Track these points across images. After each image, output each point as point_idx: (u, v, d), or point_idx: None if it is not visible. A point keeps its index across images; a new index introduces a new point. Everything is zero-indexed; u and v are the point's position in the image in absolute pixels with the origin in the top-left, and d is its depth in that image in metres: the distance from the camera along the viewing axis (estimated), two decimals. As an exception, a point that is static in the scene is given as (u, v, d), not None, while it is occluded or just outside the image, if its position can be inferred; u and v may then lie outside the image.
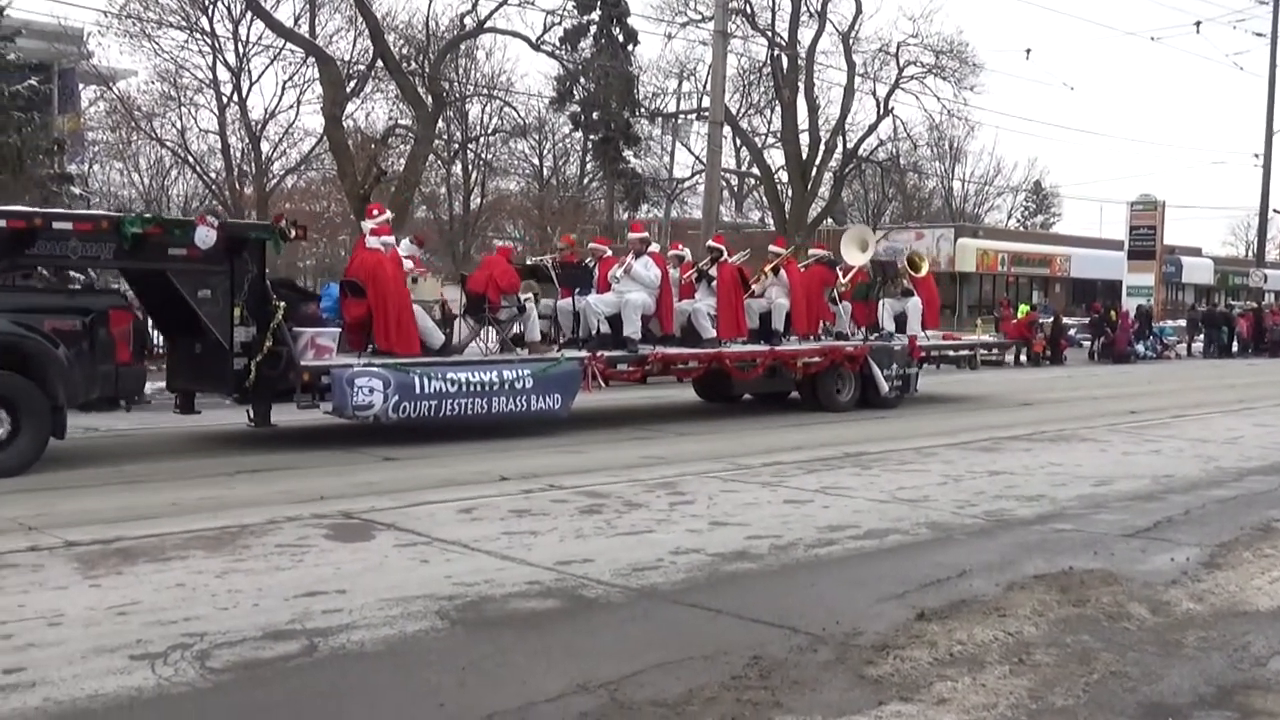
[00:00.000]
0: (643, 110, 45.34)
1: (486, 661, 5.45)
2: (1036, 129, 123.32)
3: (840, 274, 18.85)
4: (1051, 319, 34.64)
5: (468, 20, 32.28)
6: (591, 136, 46.03)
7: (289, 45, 33.01)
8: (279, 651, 5.51)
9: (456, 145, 41.68)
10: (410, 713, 4.84)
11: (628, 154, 46.59)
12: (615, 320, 15.33)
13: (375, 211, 14.78)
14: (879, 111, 39.95)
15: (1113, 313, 36.02)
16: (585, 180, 49.07)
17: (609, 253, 16.68)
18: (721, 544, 7.97)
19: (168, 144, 38.00)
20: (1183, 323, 42.86)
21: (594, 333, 15.27)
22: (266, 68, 37.42)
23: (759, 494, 10.09)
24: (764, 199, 48.55)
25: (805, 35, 37.80)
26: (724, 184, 47.23)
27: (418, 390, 12.66)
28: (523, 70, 77.81)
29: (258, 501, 9.37)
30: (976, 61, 39.95)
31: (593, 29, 44.89)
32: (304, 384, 12.32)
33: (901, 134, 43.02)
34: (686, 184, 50.95)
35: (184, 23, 34.68)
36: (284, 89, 37.96)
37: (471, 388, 13.09)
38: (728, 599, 6.55)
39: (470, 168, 43.86)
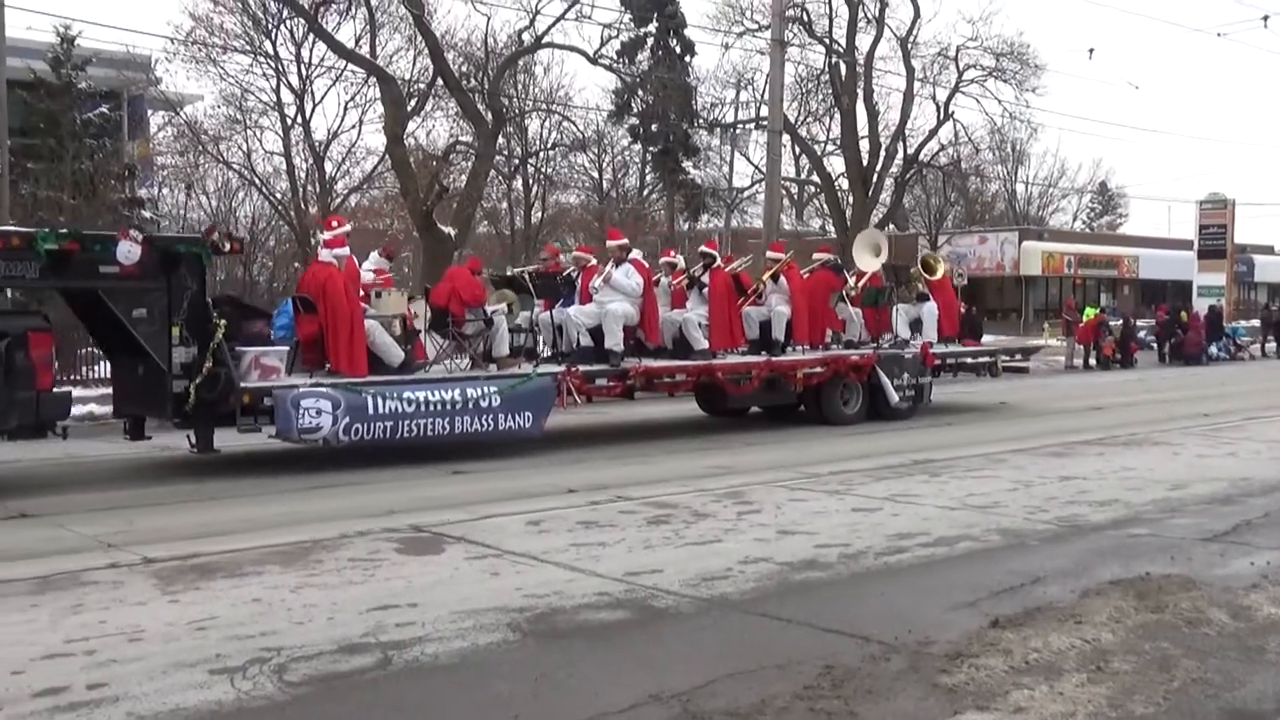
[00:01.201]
0: (701, 121, 45.31)
1: (558, 673, 5.47)
2: (1101, 129, 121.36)
3: (851, 279, 18.14)
4: (1120, 321, 34.10)
5: (525, 36, 32.49)
6: (650, 148, 46.07)
7: (351, 66, 33.37)
8: (354, 665, 5.57)
9: (517, 160, 41.88)
10: (484, 724, 4.88)
11: (687, 165, 46.56)
12: (598, 332, 14.64)
13: (334, 223, 14.13)
14: (939, 116, 39.65)
15: (1183, 314, 35.38)
16: (645, 192, 49.08)
17: (593, 261, 15.77)
18: (790, 553, 7.94)
19: (234, 166, 38.51)
20: (1256, 323, 41.96)
21: (574, 345, 14.68)
22: (329, 89, 37.99)
23: (826, 502, 10.04)
24: (825, 206, 48.30)
25: (863, 42, 37.61)
26: (784, 192, 47.03)
27: (371, 411, 12.05)
28: (581, 84, 78.20)
29: (330, 516, 9.48)
30: (1038, 63, 39.44)
31: (650, 41, 44.95)
32: (244, 406, 11.72)
33: (962, 138, 42.63)
34: (746, 193, 50.83)
35: (248, 47, 35.17)
36: (346, 109, 38.32)
37: (431, 407, 12.44)
38: (798, 608, 6.53)
39: (530, 182, 44.03)
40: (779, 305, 16.60)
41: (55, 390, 11.52)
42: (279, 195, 38.46)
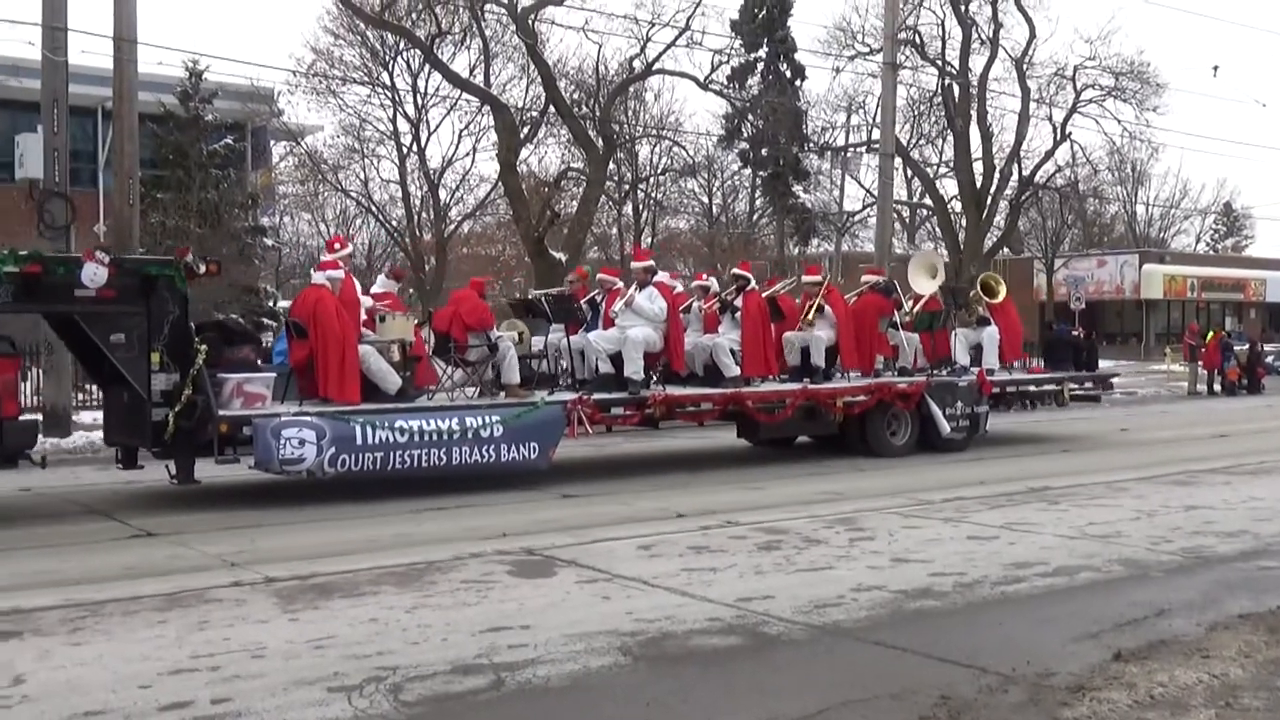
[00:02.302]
0: (811, 145, 45.13)
1: (670, 698, 5.46)
2: (1226, 148, 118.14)
3: (906, 302, 17.26)
4: (1246, 346, 33.02)
5: (636, 63, 32.76)
6: (760, 173, 46.02)
7: (465, 95, 34.05)
8: (467, 686, 5.62)
9: (627, 186, 42.17)
10: (596, 748, 4.89)
11: (797, 189, 46.43)
12: (620, 358, 13.81)
13: (337, 245, 13.69)
14: (1056, 136, 38.89)
15: (1315, 338, 34.15)
16: (755, 216, 49.01)
17: (619, 284, 14.86)
18: (904, 581, 7.82)
19: (352, 194, 39.61)
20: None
21: (594, 372, 13.95)
22: (444, 118, 38.76)
23: (941, 530, 9.88)
24: (937, 229, 47.71)
25: (976, 63, 37.13)
26: (896, 215, 46.59)
27: (360, 441, 11.37)
28: (691, 110, 78.41)
29: (444, 538, 9.60)
30: (1159, 81, 38.50)
31: (760, 66, 45.04)
32: (222, 435, 11.06)
33: (1080, 158, 41.78)
34: (857, 217, 50.41)
35: (366, 78, 36.16)
36: (460, 137, 39.27)
37: (427, 437, 11.71)
38: (913, 637, 6.43)
39: (641, 207, 44.31)
40: (820, 330, 15.72)
41: (21, 419, 11.08)
42: (395, 222, 39.33)
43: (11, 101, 26.46)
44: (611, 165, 35.67)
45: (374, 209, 39.56)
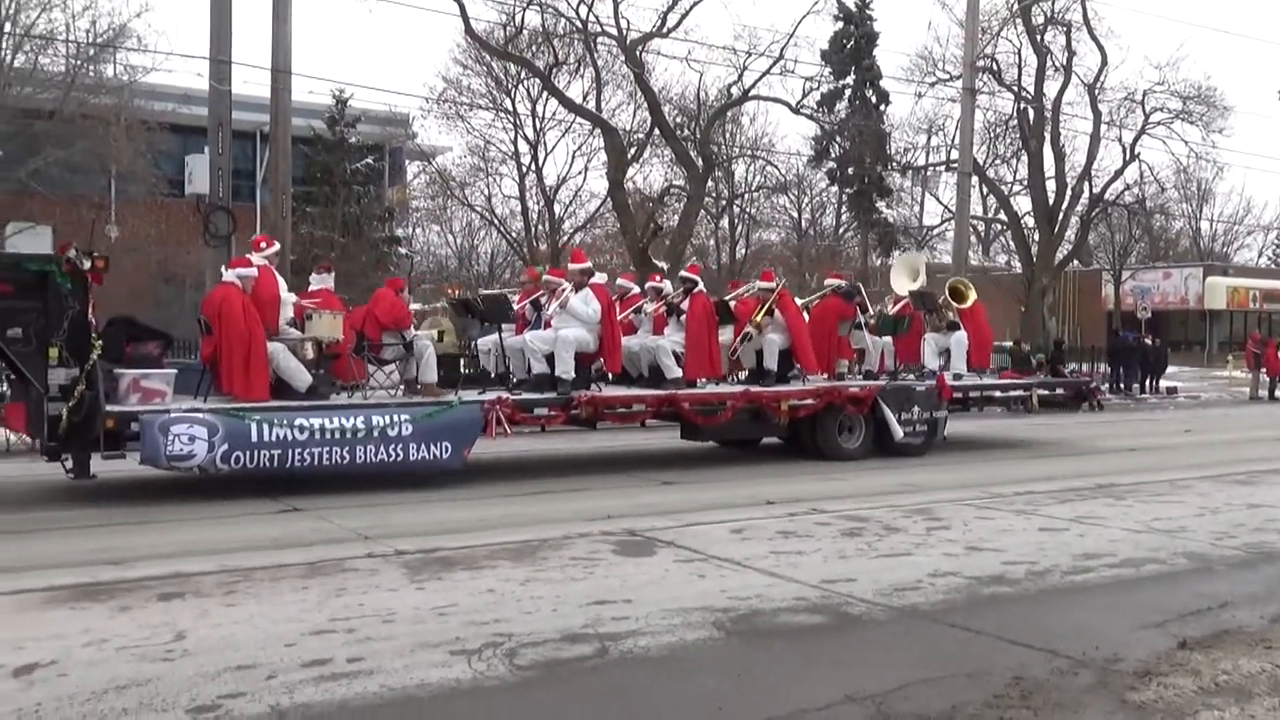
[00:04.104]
0: (894, 164, 44.52)
1: (759, 670, 5.39)
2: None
3: (867, 306, 16.07)
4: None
5: (734, 90, 32.63)
6: (846, 190, 45.55)
7: (578, 119, 34.23)
8: (575, 653, 5.61)
9: (724, 201, 42.06)
10: (692, 714, 4.82)
11: (880, 204, 45.84)
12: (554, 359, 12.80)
13: (262, 244, 12.38)
14: (1125, 156, 37.71)
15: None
16: (841, 230, 48.47)
17: (564, 285, 13.32)
18: (978, 568, 7.63)
19: (477, 209, 40.08)
20: None
21: (528, 372, 12.93)
22: (559, 140, 38.98)
23: (1013, 521, 9.62)
24: (1011, 243, 46.65)
25: (1050, 88, 36.13)
26: (972, 230, 45.70)
27: (255, 438, 10.47)
28: (783, 132, 77.95)
29: (553, 518, 9.62)
30: (1225, 105, 37.14)
31: (847, 92, 44.54)
32: (108, 431, 10.18)
33: (1148, 177, 40.52)
34: (936, 230, 49.62)
35: (491, 104, 36.57)
36: (574, 157, 39.42)
37: (329, 435, 10.77)
38: (986, 620, 6.25)
39: (736, 221, 44.15)
40: (771, 334, 14.52)
41: None
42: (514, 234, 39.71)
43: (183, 126, 27.22)
44: (710, 182, 35.59)
45: (496, 222, 40.02)
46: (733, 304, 15.00)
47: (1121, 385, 30.03)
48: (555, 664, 5.44)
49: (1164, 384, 31.73)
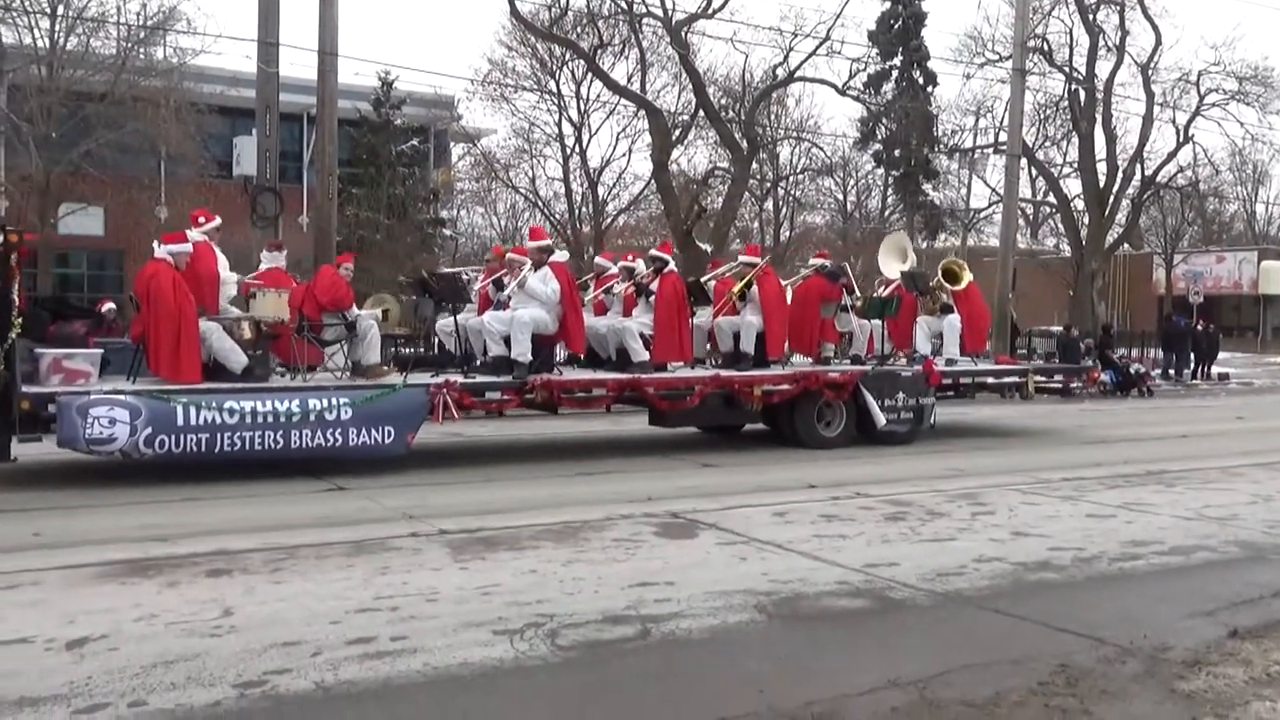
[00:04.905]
0: (941, 146, 44.04)
1: (801, 653, 5.37)
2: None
3: (853, 288, 15.54)
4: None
5: (779, 71, 32.44)
6: (893, 172, 45.09)
7: (623, 101, 34.21)
8: (617, 634, 5.62)
9: (769, 184, 41.84)
10: (733, 696, 4.81)
11: (927, 187, 45.35)
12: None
13: (201, 219, 11.85)
14: (1178, 138, 37.10)
15: None
16: (886, 213, 48.05)
17: (527, 264, 12.56)
18: (1024, 554, 7.55)
19: (521, 190, 40.21)
20: None
21: (484, 354, 12.42)
22: (604, 121, 38.95)
23: (1059, 507, 9.52)
24: (1059, 226, 46.07)
25: (1102, 69, 35.60)
26: (1020, 213, 45.16)
27: (181, 422, 10.00)
28: (829, 114, 77.30)
29: (595, 500, 9.63)
30: (1283, 85, 36.40)
31: (894, 73, 44.03)
32: (24, 413, 9.84)
33: (1201, 160, 39.82)
34: (983, 213, 49.07)
35: (535, 86, 36.62)
36: (618, 139, 39.42)
37: (261, 419, 10.29)
38: (1032, 607, 6.19)
39: (780, 204, 43.92)
40: (749, 315, 13.75)
41: None
42: (558, 216, 39.78)
43: (231, 109, 27.44)
44: (754, 164, 35.40)
45: (540, 204, 40.10)
46: (712, 284, 14.57)
47: (1173, 371, 29.62)
48: (597, 645, 5.45)
49: (1216, 370, 31.29)
